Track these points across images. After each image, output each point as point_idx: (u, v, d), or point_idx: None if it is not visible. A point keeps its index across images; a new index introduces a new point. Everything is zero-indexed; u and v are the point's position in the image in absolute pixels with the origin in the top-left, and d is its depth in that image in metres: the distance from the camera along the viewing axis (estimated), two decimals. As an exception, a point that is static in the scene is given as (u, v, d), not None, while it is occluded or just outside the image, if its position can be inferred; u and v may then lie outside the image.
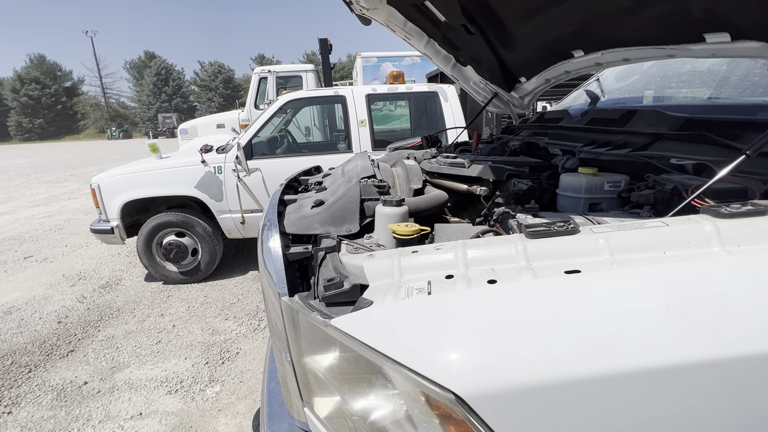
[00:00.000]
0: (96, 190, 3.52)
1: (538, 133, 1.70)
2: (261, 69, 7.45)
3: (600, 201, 1.08)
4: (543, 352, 0.53)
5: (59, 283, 3.98)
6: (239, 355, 2.64)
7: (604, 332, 0.54)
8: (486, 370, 0.53)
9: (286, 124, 4.70)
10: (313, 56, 50.32)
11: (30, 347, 2.82)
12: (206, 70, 49.26)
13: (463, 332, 0.57)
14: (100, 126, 49.56)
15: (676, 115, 1.07)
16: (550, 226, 0.72)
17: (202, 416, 2.11)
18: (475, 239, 0.83)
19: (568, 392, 0.51)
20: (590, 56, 1.39)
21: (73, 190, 9.71)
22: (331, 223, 1.00)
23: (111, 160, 17.36)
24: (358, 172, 1.25)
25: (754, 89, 1.23)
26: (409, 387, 0.58)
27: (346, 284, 0.77)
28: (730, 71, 1.58)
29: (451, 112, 3.87)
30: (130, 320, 3.16)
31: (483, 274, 0.67)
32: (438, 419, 0.58)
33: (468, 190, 1.26)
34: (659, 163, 0.97)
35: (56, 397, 2.29)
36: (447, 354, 0.55)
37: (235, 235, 3.77)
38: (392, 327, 0.62)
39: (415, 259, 0.76)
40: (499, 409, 0.52)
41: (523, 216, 0.92)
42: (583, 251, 0.66)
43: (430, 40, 2.18)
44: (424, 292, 0.67)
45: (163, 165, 3.57)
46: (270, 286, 0.87)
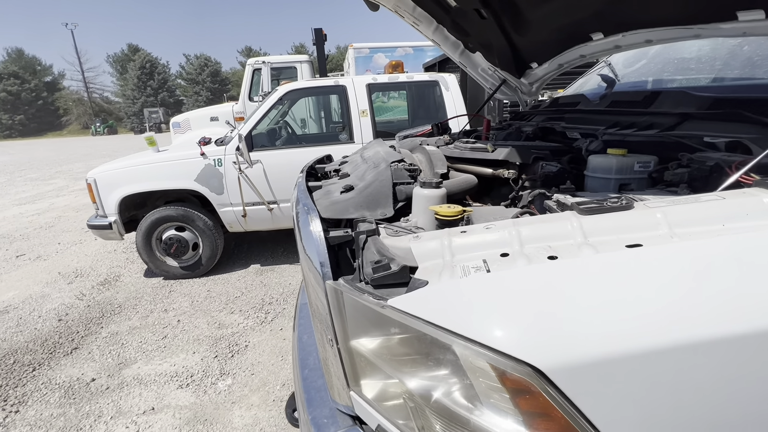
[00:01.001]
0: (92, 184, 3.44)
1: (553, 118, 1.70)
2: (255, 60, 7.32)
3: (630, 181, 1.09)
4: (618, 323, 0.53)
5: (56, 281, 3.90)
6: (248, 348, 2.62)
7: (675, 302, 0.54)
8: (562, 343, 0.53)
9: (283, 115, 4.64)
10: (302, 48, 49.62)
11: (32, 346, 2.76)
12: (192, 64, 48.29)
13: (533, 307, 0.57)
14: (83, 122, 48.34)
15: (704, 95, 1.08)
16: (602, 203, 0.71)
17: (216, 409, 2.10)
18: (526, 217, 0.83)
19: (646, 362, 0.51)
20: (610, 39, 1.38)
21: (61, 187, 9.48)
22: (366, 207, 0.99)
23: (97, 156, 16.97)
24: (383, 157, 1.24)
25: None
26: (479, 363, 0.58)
27: (394, 266, 0.76)
28: (735, 53, 1.59)
29: (452, 101, 3.86)
30: (133, 316, 3.11)
31: (541, 251, 0.67)
32: (509, 393, 0.57)
33: (494, 174, 1.26)
34: (692, 142, 0.98)
35: (64, 395, 2.25)
36: (521, 328, 0.55)
37: (237, 228, 3.72)
38: (456, 304, 0.62)
39: (466, 239, 0.75)
40: (577, 381, 0.52)
41: (562, 196, 0.92)
42: (641, 226, 0.66)
43: (438, 26, 2.15)
44: (482, 270, 0.67)
45: (161, 158, 3.50)
46: (312, 271, 0.86)
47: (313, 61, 8.35)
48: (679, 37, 1.16)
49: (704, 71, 1.43)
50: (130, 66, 47.10)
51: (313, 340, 1.22)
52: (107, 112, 50.58)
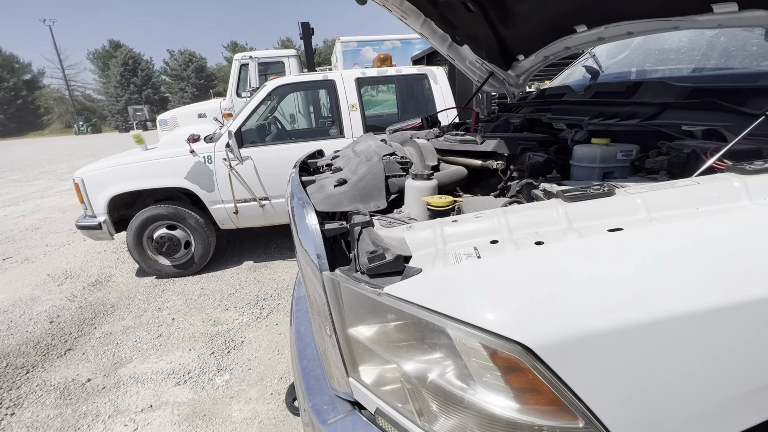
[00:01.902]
0: (80, 184, 3.39)
1: (540, 109, 1.74)
2: (242, 55, 7.22)
3: (613, 170, 1.13)
4: (600, 301, 0.57)
5: (45, 283, 3.85)
6: (244, 343, 2.64)
7: (654, 280, 0.58)
8: (549, 321, 0.56)
9: (272, 111, 4.61)
10: (288, 42, 48.99)
11: (24, 348, 2.74)
12: (176, 59, 47.33)
13: (521, 289, 0.60)
14: (66, 121, 47.19)
15: (682, 85, 1.12)
16: (586, 190, 0.75)
17: (214, 404, 2.12)
18: (514, 206, 0.86)
19: (627, 337, 0.55)
20: (593, 31, 1.42)
21: (45, 188, 9.28)
22: (359, 199, 1.02)
23: (81, 156, 16.62)
24: (374, 151, 1.26)
25: (752, 59, 1.29)
26: (471, 343, 0.61)
27: (389, 255, 0.78)
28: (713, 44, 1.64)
29: (441, 94, 3.88)
30: (127, 316, 3.10)
31: (528, 237, 0.71)
32: (500, 371, 0.61)
33: (483, 165, 1.29)
34: (670, 130, 1.02)
35: (60, 396, 2.25)
36: (510, 309, 0.58)
37: (229, 225, 3.71)
38: (448, 290, 0.65)
39: (457, 228, 0.78)
40: (563, 357, 0.55)
41: (548, 185, 0.96)
42: (622, 211, 0.70)
43: (426, 20, 2.17)
44: (473, 256, 0.70)
45: (150, 156, 3.46)
46: (309, 264, 0.88)
47: (301, 55, 8.28)
48: (658, 28, 1.20)
49: (684, 62, 1.48)
50: (112, 62, 45.98)
51: (310, 332, 1.25)
52: (90, 110, 49.42)
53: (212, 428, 1.96)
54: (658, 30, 1.22)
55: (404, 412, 0.74)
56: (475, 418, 0.65)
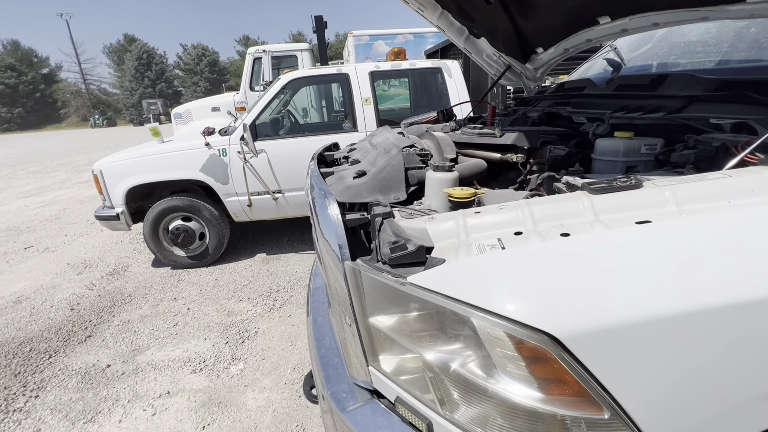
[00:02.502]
0: (99, 176, 3.46)
1: (559, 102, 1.71)
2: (255, 49, 7.25)
3: (636, 164, 1.11)
4: (629, 293, 0.56)
5: (65, 271, 3.96)
6: (258, 334, 2.68)
7: (683, 273, 0.57)
8: (576, 312, 0.56)
9: (285, 104, 4.63)
10: (299, 36, 49.00)
11: (46, 334, 2.82)
12: (189, 54, 47.78)
13: (548, 279, 0.60)
14: (82, 114, 48.10)
15: (710, 77, 1.10)
16: (612, 182, 0.74)
17: (229, 392, 2.16)
18: (538, 198, 0.86)
19: (655, 329, 0.55)
20: (617, 22, 1.39)
21: (64, 180, 9.50)
22: (379, 191, 1.02)
23: (98, 148, 16.95)
24: (393, 143, 1.26)
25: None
26: (496, 333, 0.62)
27: (410, 246, 0.79)
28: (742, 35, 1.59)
29: (455, 88, 3.84)
30: (144, 305, 3.17)
31: (553, 229, 0.70)
32: (524, 361, 0.61)
33: (503, 158, 1.28)
34: (698, 124, 1.00)
35: (81, 380, 2.32)
36: (536, 300, 0.58)
37: (242, 218, 3.76)
38: (473, 280, 0.65)
39: (480, 219, 0.78)
40: (590, 347, 0.55)
41: (571, 178, 0.95)
42: (650, 203, 0.69)
43: (443, 12, 2.15)
44: (497, 247, 0.70)
45: (166, 149, 3.51)
46: (330, 254, 0.89)
47: (314, 49, 8.28)
48: (686, 19, 1.17)
49: (711, 54, 1.44)
50: (126, 57, 46.62)
51: (327, 322, 1.27)
52: (105, 103, 50.28)
53: (228, 415, 2.00)
54: (685, 21, 1.19)
55: (425, 400, 0.75)
56: (497, 407, 0.65)
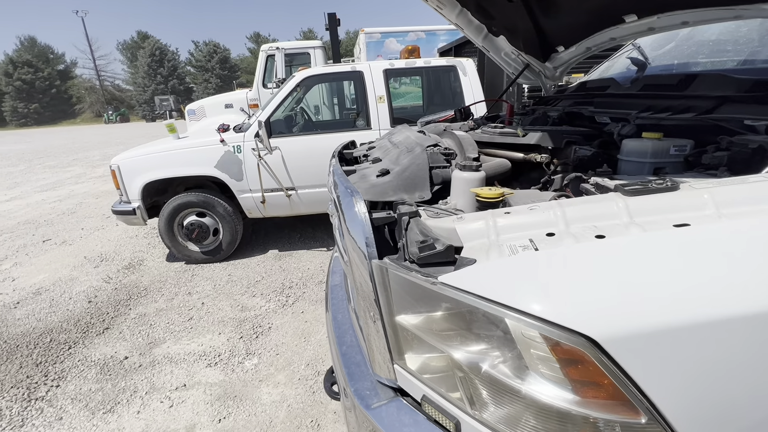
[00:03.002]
0: (116, 171, 3.52)
1: (581, 102, 1.69)
2: (268, 46, 7.29)
3: (665, 165, 1.09)
4: (669, 297, 0.55)
5: (82, 264, 4.03)
6: (272, 329, 2.70)
7: (726, 277, 0.56)
8: (615, 315, 0.56)
9: (298, 102, 4.65)
10: (310, 33, 49.11)
11: (65, 325, 2.88)
12: (201, 51, 48.22)
13: (584, 281, 0.59)
14: (96, 110, 48.90)
15: (744, 77, 1.07)
16: (647, 184, 0.73)
17: (244, 386, 2.18)
18: (569, 198, 0.85)
19: (697, 334, 0.54)
20: (644, 21, 1.37)
21: (79, 175, 9.68)
22: (404, 189, 1.02)
23: (112, 144, 17.22)
24: (415, 142, 1.26)
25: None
26: (530, 334, 0.61)
27: (439, 245, 0.79)
28: None
29: (470, 87, 3.82)
30: (159, 299, 3.22)
31: (587, 231, 0.69)
32: (559, 363, 0.61)
33: (526, 158, 1.27)
34: (731, 125, 0.98)
35: (100, 371, 2.37)
36: (574, 301, 0.58)
37: (256, 214, 3.79)
38: (507, 280, 0.65)
39: (511, 219, 0.77)
40: (630, 351, 0.55)
41: (600, 179, 0.93)
42: (688, 206, 0.68)
43: (462, 10, 2.13)
44: (530, 248, 0.69)
45: (182, 145, 3.55)
46: (356, 251, 0.89)
47: (326, 46, 8.29)
48: (718, 18, 1.14)
49: (739, 53, 1.41)
50: (140, 53, 47.22)
51: (347, 319, 1.27)
52: (119, 100, 51.03)
53: (243, 409, 2.02)
54: (717, 19, 1.16)
55: (453, 399, 0.75)
56: (528, 408, 0.65)
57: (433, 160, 1.08)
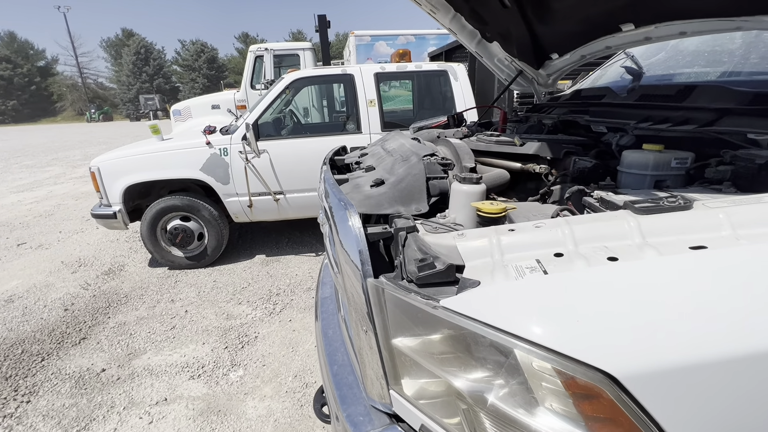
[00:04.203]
0: (96, 173, 3.38)
1: (575, 110, 1.67)
2: (257, 47, 7.17)
3: (665, 178, 1.07)
4: (692, 330, 0.51)
5: (59, 270, 3.87)
6: (258, 339, 2.62)
7: (753, 307, 0.52)
8: (635, 350, 0.51)
9: (287, 104, 4.57)
10: (299, 35, 48.87)
11: (39, 335, 2.74)
12: (188, 50, 47.46)
13: (601, 311, 0.55)
14: (78, 108, 47.61)
15: (744, 90, 1.06)
16: (658, 202, 0.69)
17: (228, 400, 2.10)
18: (577, 216, 0.81)
19: (723, 370, 0.50)
20: (641, 30, 1.35)
21: (58, 175, 9.36)
22: (400, 201, 0.97)
23: (94, 143, 16.76)
24: (411, 150, 1.21)
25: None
26: (542, 367, 0.57)
27: (439, 264, 0.74)
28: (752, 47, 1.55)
29: (461, 92, 3.80)
30: (140, 306, 3.10)
31: (598, 252, 0.65)
32: (572, 398, 0.56)
33: (524, 169, 1.23)
34: (734, 138, 0.96)
35: (75, 385, 2.25)
36: (590, 334, 0.53)
37: (243, 218, 3.69)
38: (516, 306, 0.60)
39: (516, 238, 0.73)
40: (651, 388, 0.50)
41: (604, 193, 0.90)
42: (702, 227, 0.64)
43: (456, 15, 2.10)
44: (538, 270, 0.65)
45: (166, 147, 3.44)
46: (350, 265, 0.84)
47: (316, 48, 8.22)
48: (717, 29, 1.13)
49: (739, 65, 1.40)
50: (124, 51, 46.20)
51: (339, 336, 1.21)
52: (102, 98, 49.78)
53: (227, 425, 1.94)
54: (716, 30, 1.15)
55: (454, 431, 0.70)
56: (536, 444, 0.60)
57: (430, 171, 1.03)
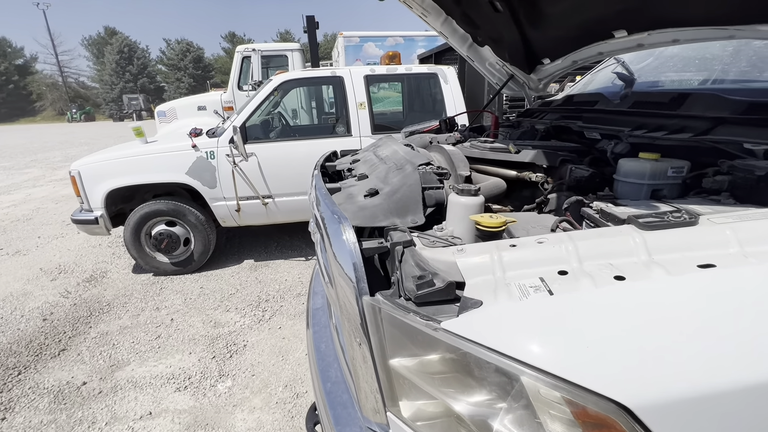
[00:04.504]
0: (76, 177, 3.27)
1: (568, 116, 1.67)
2: (244, 47, 7.06)
3: (662, 187, 1.06)
4: (707, 357, 0.49)
5: (37, 277, 3.73)
6: (247, 347, 2.55)
7: (765, 333, 0.51)
8: (649, 378, 0.49)
9: (275, 106, 4.50)
10: (287, 35, 48.52)
11: (15, 347, 2.63)
12: (173, 49, 46.63)
13: (612, 336, 0.53)
14: (58, 108, 46.30)
15: (739, 99, 1.06)
16: (662, 216, 0.67)
17: (217, 413, 2.03)
18: (582, 231, 0.79)
19: (744, 399, 0.48)
20: (634, 37, 1.35)
21: (37, 177, 9.06)
22: (395, 213, 0.93)
23: (75, 144, 16.32)
24: (405, 158, 1.18)
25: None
26: (550, 395, 0.54)
27: (438, 281, 0.71)
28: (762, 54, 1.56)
29: (451, 95, 3.79)
30: (123, 315, 3.00)
31: (604, 270, 0.63)
32: (582, 427, 0.54)
33: (519, 177, 1.21)
34: (730, 148, 0.95)
35: (54, 400, 2.15)
36: (602, 360, 0.51)
37: (230, 223, 3.61)
38: (521, 330, 0.57)
39: (518, 254, 0.70)
40: (666, 419, 0.48)
41: (604, 204, 0.88)
42: (709, 243, 0.63)
43: (447, 18, 2.08)
44: (542, 290, 0.62)
45: (150, 150, 3.34)
46: (343, 278, 0.80)
47: (304, 48, 8.14)
48: (710, 37, 1.13)
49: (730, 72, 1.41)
50: (107, 50, 45.13)
51: (332, 350, 1.17)
52: (84, 97, 48.50)
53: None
54: (709, 38, 1.15)
55: (456, 458, 0.67)
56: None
57: (426, 181, 1.00)
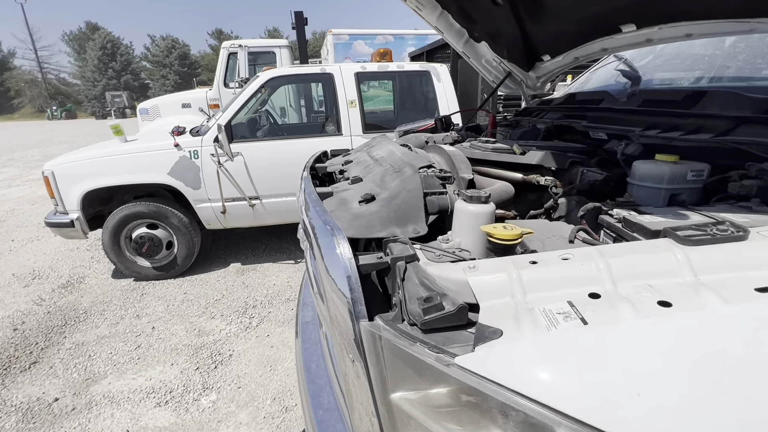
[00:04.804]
0: (50, 177, 3.08)
1: (571, 115, 1.59)
2: (230, 43, 6.86)
3: (681, 192, 0.98)
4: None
5: (9, 283, 3.52)
6: (233, 357, 2.43)
7: None
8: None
9: (263, 104, 4.36)
10: (275, 32, 48.00)
11: (-18, 361, 2.45)
12: (158, 45, 45.71)
13: (664, 381, 0.43)
14: (38, 104, 44.95)
15: (761, 97, 0.99)
16: (706, 229, 0.59)
17: (200, 429, 1.91)
18: (612, 245, 0.70)
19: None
20: (643, 31, 1.27)
21: (13, 177, 8.70)
22: (395, 222, 0.83)
23: (54, 142, 15.80)
24: (403, 160, 1.08)
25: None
26: (591, 451, 0.45)
27: (448, 304, 0.61)
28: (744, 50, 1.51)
29: (444, 93, 3.71)
30: (101, 323, 2.83)
31: (643, 293, 0.54)
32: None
33: (526, 180, 1.12)
34: (758, 149, 0.88)
35: (21, 419, 2.00)
36: (656, 414, 0.42)
37: (215, 225, 3.47)
38: (552, 370, 0.48)
39: (539, 272, 0.61)
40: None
41: (626, 212, 0.80)
42: (763, 262, 0.54)
43: (443, 12, 1.99)
44: (573, 318, 0.53)
45: (130, 149, 3.17)
46: (336, 292, 0.70)
47: (293, 45, 7.97)
48: (728, 31, 1.06)
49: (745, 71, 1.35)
50: (89, 46, 43.96)
51: (324, 372, 1.07)
52: (65, 94, 47.17)
53: (198, 459, 1.75)
54: (726, 33, 1.08)
55: None
56: None
57: (428, 185, 0.91)
